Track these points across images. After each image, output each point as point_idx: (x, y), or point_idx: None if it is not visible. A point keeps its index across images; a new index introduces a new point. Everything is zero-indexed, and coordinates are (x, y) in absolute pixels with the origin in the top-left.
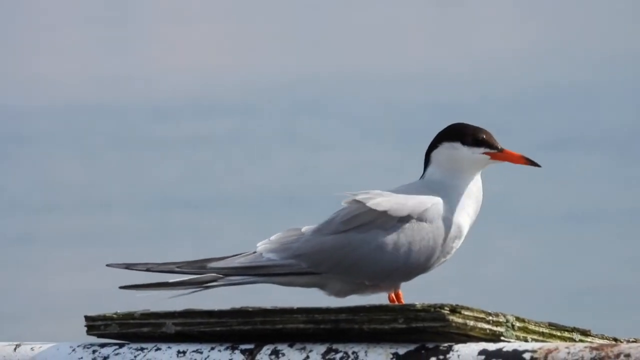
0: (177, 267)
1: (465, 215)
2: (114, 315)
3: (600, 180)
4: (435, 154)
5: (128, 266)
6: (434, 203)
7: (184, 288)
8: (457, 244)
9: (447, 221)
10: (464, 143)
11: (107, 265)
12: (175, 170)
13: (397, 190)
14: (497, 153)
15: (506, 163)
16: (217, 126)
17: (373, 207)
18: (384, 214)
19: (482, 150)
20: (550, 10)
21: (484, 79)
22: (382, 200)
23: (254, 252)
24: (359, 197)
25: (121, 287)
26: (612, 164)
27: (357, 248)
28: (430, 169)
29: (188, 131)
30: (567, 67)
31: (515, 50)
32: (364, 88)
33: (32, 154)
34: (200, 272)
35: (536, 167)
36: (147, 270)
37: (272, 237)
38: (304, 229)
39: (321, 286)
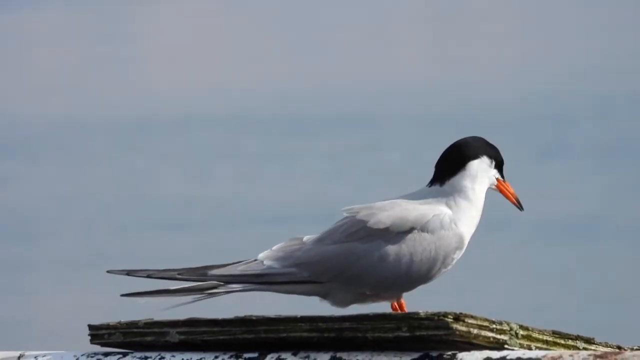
0: (178, 274)
1: (469, 226)
2: (118, 324)
3: (606, 185)
4: (472, 164)
5: (129, 272)
6: (436, 214)
7: (185, 295)
8: (458, 254)
9: (450, 232)
10: (492, 161)
11: (108, 271)
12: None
13: (404, 199)
14: (503, 182)
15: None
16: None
17: (374, 226)
18: (386, 229)
19: (497, 175)
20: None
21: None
22: (384, 217)
23: (255, 260)
24: (361, 215)
25: (123, 295)
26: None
27: (359, 258)
28: (459, 176)
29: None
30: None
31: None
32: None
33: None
34: (201, 279)
35: (519, 210)
36: (148, 276)
37: (274, 247)
38: (305, 239)
39: (322, 295)
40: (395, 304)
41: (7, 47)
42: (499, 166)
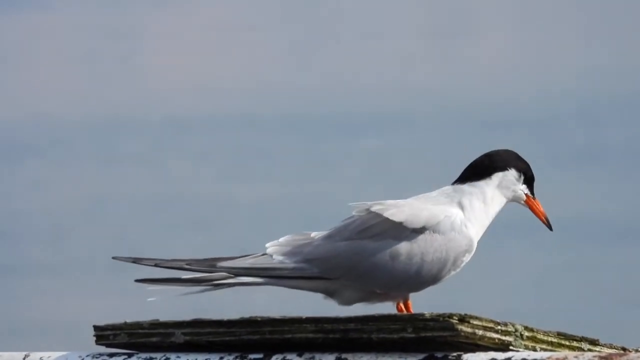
0: (187, 265)
1: (478, 230)
2: (123, 325)
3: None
4: (498, 175)
5: (135, 260)
6: (447, 215)
7: (195, 285)
8: (468, 257)
9: (460, 234)
10: (520, 175)
11: (114, 258)
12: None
13: (417, 200)
14: (532, 199)
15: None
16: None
17: (385, 224)
18: (399, 224)
19: (526, 190)
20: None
21: None
22: (397, 212)
23: (264, 254)
24: (374, 209)
25: (136, 280)
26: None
27: (370, 256)
28: (483, 182)
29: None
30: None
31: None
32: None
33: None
34: (209, 271)
35: (549, 230)
36: (155, 265)
37: (281, 240)
38: (313, 234)
39: (330, 292)
40: (401, 304)
41: (11, 48)
42: (529, 182)
